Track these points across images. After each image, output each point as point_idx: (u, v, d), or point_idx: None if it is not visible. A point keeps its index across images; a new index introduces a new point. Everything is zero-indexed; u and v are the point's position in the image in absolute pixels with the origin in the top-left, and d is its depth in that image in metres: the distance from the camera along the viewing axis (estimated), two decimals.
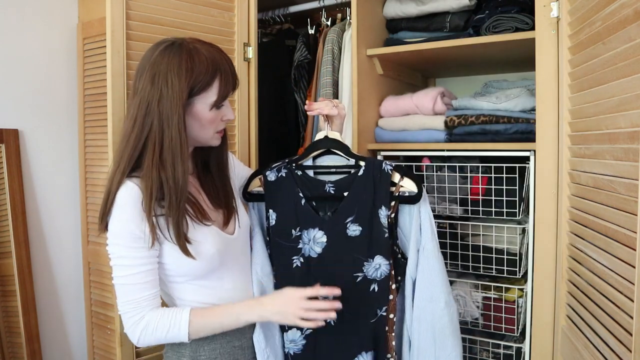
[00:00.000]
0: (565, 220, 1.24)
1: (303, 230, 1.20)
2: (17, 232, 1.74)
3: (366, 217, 1.16)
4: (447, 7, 1.67)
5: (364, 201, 1.17)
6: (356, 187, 1.19)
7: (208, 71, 1.04)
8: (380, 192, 1.17)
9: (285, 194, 1.22)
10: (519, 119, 1.50)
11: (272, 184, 1.24)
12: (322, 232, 1.18)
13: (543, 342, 1.35)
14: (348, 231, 1.17)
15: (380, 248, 1.15)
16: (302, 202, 1.21)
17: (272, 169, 1.25)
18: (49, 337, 1.86)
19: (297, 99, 2.04)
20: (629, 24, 0.89)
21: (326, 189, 1.22)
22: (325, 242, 1.18)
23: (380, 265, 1.15)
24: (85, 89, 1.85)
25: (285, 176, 1.24)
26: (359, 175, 1.19)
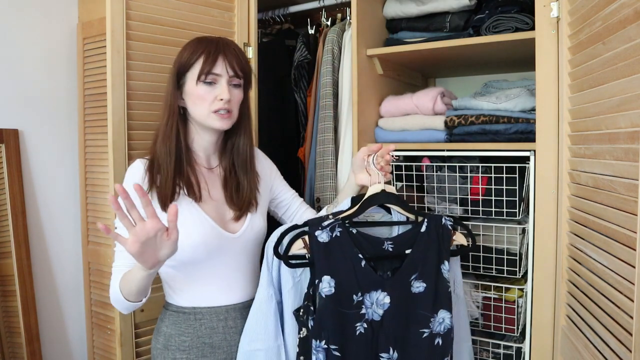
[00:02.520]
0: (565, 220, 1.24)
1: (365, 294, 1.10)
2: (17, 232, 1.74)
3: (431, 273, 1.14)
4: (447, 7, 1.67)
5: (429, 258, 1.15)
6: (420, 244, 1.15)
7: (192, 49, 1.19)
8: (443, 247, 1.16)
9: (343, 256, 1.10)
10: (519, 119, 1.50)
11: (326, 246, 1.10)
12: (384, 293, 1.11)
13: (543, 342, 1.35)
14: (412, 288, 1.13)
15: (443, 302, 1.14)
16: (362, 264, 1.11)
17: (322, 227, 1.10)
18: (49, 337, 1.86)
19: (297, 99, 2.04)
20: (629, 24, 0.89)
21: (385, 247, 1.14)
22: (389, 303, 1.11)
23: (444, 319, 1.14)
24: (85, 89, 1.85)
25: (341, 235, 1.11)
26: (422, 231, 1.16)
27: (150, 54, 1.52)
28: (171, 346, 1.19)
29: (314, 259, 1.09)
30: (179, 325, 1.20)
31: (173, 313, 1.22)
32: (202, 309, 1.21)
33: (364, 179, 1.26)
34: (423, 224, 1.16)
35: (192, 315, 1.21)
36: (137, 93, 1.50)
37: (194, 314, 1.21)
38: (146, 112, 1.52)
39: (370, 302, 1.10)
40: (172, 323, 1.21)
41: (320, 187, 1.80)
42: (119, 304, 1.15)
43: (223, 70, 1.18)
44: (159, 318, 1.27)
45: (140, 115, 1.51)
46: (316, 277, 1.08)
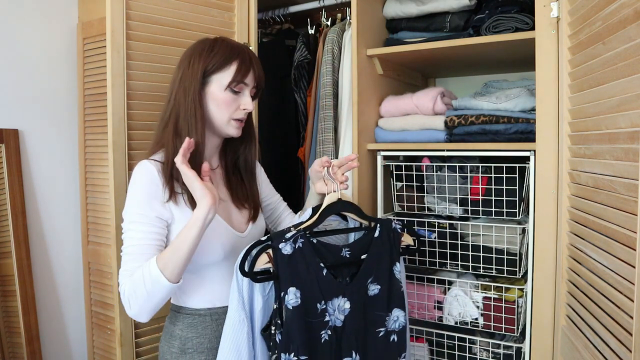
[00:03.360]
0: (565, 220, 1.24)
1: (328, 302, 1.13)
2: (17, 232, 1.74)
3: (385, 276, 1.19)
4: (447, 7, 1.67)
5: (382, 261, 1.19)
6: (374, 249, 1.19)
7: (225, 54, 1.17)
8: (394, 250, 1.21)
9: (306, 266, 1.11)
10: (519, 119, 1.50)
11: (290, 258, 1.10)
12: (345, 298, 1.14)
13: (543, 342, 1.35)
14: (369, 291, 1.18)
15: (397, 301, 1.20)
16: (324, 273, 1.12)
17: (285, 240, 1.10)
18: (49, 337, 1.86)
19: (297, 99, 2.04)
20: (629, 24, 0.89)
21: (343, 253, 1.16)
22: (349, 308, 1.15)
23: (398, 317, 1.19)
24: (85, 89, 1.85)
25: (303, 246, 1.11)
26: (375, 236, 1.20)
27: (150, 54, 1.52)
28: (188, 349, 1.18)
29: (278, 272, 1.09)
30: (195, 327, 1.19)
31: (187, 316, 1.20)
32: (217, 309, 1.20)
33: (322, 188, 1.28)
34: (376, 229, 1.20)
35: (209, 316, 1.20)
36: (137, 93, 1.50)
37: (210, 314, 1.20)
38: (146, 112, 1.52)
39: (333, 309, 1.13)
40: (188, 326, 1.20)
41: None
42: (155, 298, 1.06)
43: (251, 81, 1.20)
44: (168, 322, 1.24)
45: (140, 115, 1.51)
46: (282, 289, 1.08)
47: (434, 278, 1.69)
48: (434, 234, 1.66)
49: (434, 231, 1.66)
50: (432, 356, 1.71)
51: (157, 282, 1.04)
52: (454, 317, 1.64)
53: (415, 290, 1.71)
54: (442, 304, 1.67)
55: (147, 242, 1.09)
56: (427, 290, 1.70)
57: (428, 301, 1.69)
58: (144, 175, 1.13)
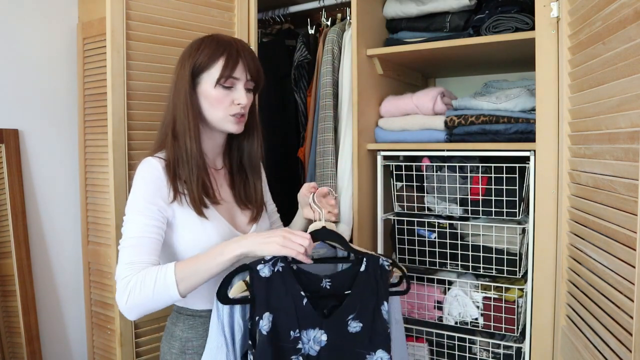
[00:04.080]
0: (565, 220, 1.24)
1: (303, 331, 1.09)
2: (17, 232, 1.74)
3: (368, 314, 1.14)
4: (447, 7, 1.67)
5: (367, 298, 1.14)
6: (359, 285, 1.14)
7: (211, 50, 1.15)
8: (381, 287, 1.15)
9: (285, 292, 1.08)
10: (519, 119, 1.50)
11: (266, 282, 1.07)
12: (321, 330, 1.10)
13: (543, 342, 1.35)
14: (349, 327, 1.12)
15: (381, 342, 1.13)
16: (304, 302, 1.09)
17: (264, 262, 1.08)
18: (49, 337, 1.86)
19: (297, 99, 2.04)
20: (629, 24, 0.89)
21: (323, 284, 1.13)
22: (326, 341, 1.11)
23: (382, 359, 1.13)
24: (85, 89, 1.85)
25: (283, 271, 1.09)
26: (361, 270, 1.15)
27: (150, 54, 1.52)
28: (188, 350, 1.18)
29: (254, 294, 1.06)
30: (196, 329, 1.19)
31: (189, 317, 1.20)
32: None
33: (308, 214, 1.27)
34: (362, 263, 1.15)
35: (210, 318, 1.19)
36: (137, 93, 1.50)
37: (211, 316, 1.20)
38: (146, 112, 1.52)
39: (307, 339, 1.09)
40: (189, 327, 1.19)
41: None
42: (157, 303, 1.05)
43: (242, 74, 1.17)
44: (169, 323, 1.24)
45: (140, 115, 1.51)
46: (256, 313, 1.06)
47: (434, 278, 1.69)
48: (434, 234, 1.66)
49: (434, 231, 1.66)
50: (432, 356, 1.71)
51: (167, 291, 1.03)
52: (454, 317, 1.64)
53: (415, 290, 1.71)
54: (442, 304, 1.67)
55: (147, 235, 1.08)
56: (427, 290, 1.70)
57: (428, 301, 1.69)
58: (149, 171, 1.13)
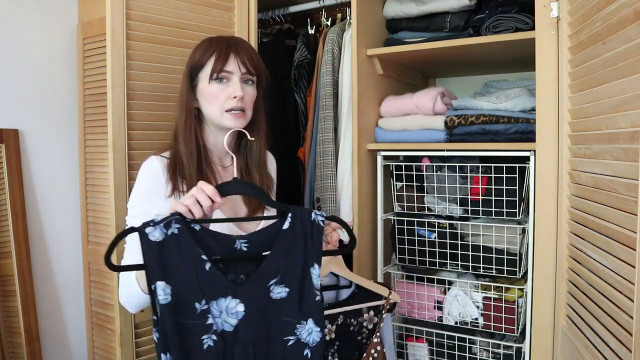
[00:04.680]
0: (565, 220, 1.24)
1: (211, 302, 0.95)
2: (17, 232, 1.74)
3: (295, 278, 0.99)
4: (447, 7, 1.67)
5: (292, 260, 1.00)
6: (282, 244, 1.00)
7: (204, 49, 1.19)
8: (311, 248, 1.00)
9: (181, 257, 0.94)
10: (519, 119, 1.50)
11: (159, 246, 0.93)
12: (236, 300, 0.96)
13: (543, 342, 1.35)
14: (272, 294, 0.99)
15: (311, 312, 0.99)
16: (207, 267, 0.95)
17: (155, 224, 0.94)
18: (49, 337, 1.86)
19: (297, 99, 2.04)
20: (629, 24, 0.89)
21: (237, 246, 0.98)
22: (244, 312, 0.97)
23: (312, 331, 0.99)
24: (85, 89, 1.85)
25: (179, 233, 0.94)
26: (284, 229, 1.00)
27: (150, 54, 1.52)
28: None
29: (145, 262, 0.92)
30: None
31: None
32: None
33: None
34: (286, 220, 1.00)
35: None
36: (137, 93, 1.50)
37: None
38: (146, 112, 1.52)
39: (219, 311, 0.96)
40: None
41: (320, 187, 1.80)
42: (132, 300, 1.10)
43: (235, 68, 1.17)
44: None
45: (140, 115, 1.51)
46: (151, 282, 0.93)
47: (434, 278, 1.69)
48: (434, 234, 1.66)
49: (434, 231, 1.66)
50: (432, 356, 1.71)
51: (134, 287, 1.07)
52: (454, 317, 1.64)
53: (415, 290, 1.71)
54: (442, 304, 1.67)
55: None
56: (427, 290, 1.70)
57: (428, 301, 1.69)
58: (148, 171, 1.17)
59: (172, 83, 1.53)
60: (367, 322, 1.29)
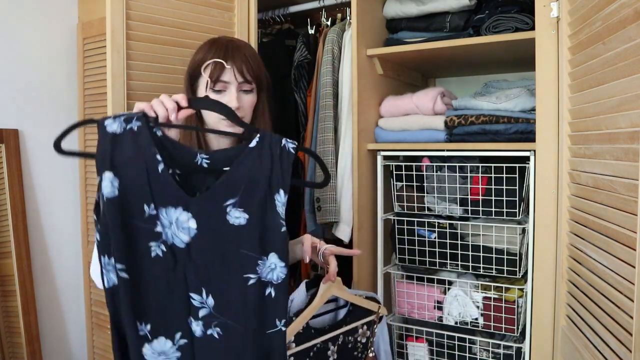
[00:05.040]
0: (565, 220, 1.24)
1: (160, 208, 0.88)
2: (17, 232, 1.74)
3: (256, 203, 0.91)
4: (447, 7, 1.67)
5: (255, 181, 0.91)
6: (244, 162, 0.92)
7: (201, 55, 1.17)
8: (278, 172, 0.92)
9: (135, 153, 0.88)
10: (519, 119, 1.50)
11: (114, 138, 0.88)
12: (188, 214, 0.89)
13: (543, 342, 1.35)
14: (229, 217, 0.90)
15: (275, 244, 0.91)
16: (159, 168, 0.88)
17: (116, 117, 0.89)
18: (49, 337, 1.86)
19: (297, 99, 2.04)
20: (629, 24, 0.89)
21: (197, 160, 0.93)
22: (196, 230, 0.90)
23: (275, 266, 0.92)
24: (85, 89, 1.85)
25: (138, 131, 0.89)
26: (250, 147, 0.93)
27: (150, 54, 1.52)
28: None
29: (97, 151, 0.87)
30: None
31: None
32: None
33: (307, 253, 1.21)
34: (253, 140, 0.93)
35: None
36: (137, 93, 1.50)
37: None
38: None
39: (169, 221, 0.89)
40: None
41: None
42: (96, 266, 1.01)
43: (232, 78, 1.16)
44: None
45: None
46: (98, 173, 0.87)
47: (434, 278, 1.69)
48: (434, 234, 1.66)
49: (434, 231, 1.66)
50: (432, 356, 1.71)
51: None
52: (454, 317, 1.64)
53: (415, 290, 1.71)
54: (442, 304, 1.67)
55: None
56: (427, 290, 1.70)
57: (428, 301, 1.69)
58: None
59: (172, 83, 1.53)
60: (360, 337, 1.33)
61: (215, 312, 0.91)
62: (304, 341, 1.19)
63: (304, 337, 1.19)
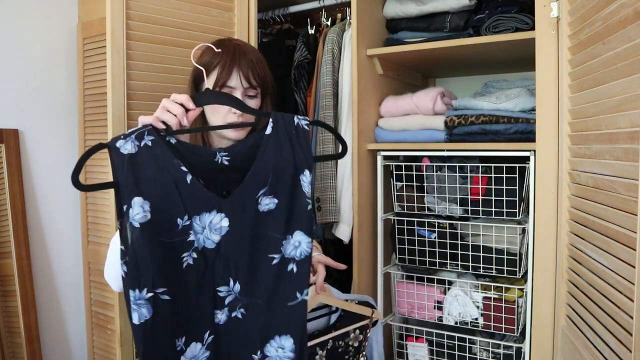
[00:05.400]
0: (565, 220, 1.24)
1: (194, 217, 0.87)
2: (17, 232, 1.74)
3: (286, 186, 0.92)
4: (447, 7, 1.67)
5: (281, 166, 0.92)
6: (267, 150, 0.92)
7: (208, 59, 1.16)
8: (299, 152, 0.92)
9: (158, 169, 0.85)
10: (519, 119, 1.50)
11: (132, 159, 0.85)
12: (221, 214, 0.89)
13: (543, 342, 1.35)
14: (260, 207, 0.91)
15: (301, 222, 0.92)
16: (188, 179, 0.87)
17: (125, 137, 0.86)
18: (49, 337, 1.86)
19: (297, 99, 2.04)
20: (629, 24, 0.89)
21: (217, 159, 0.92)
22: (228, 227, 0.90)
23: (300, 243, 0.93)
24: (85, 89, 1.85)
25: (153, 145, 0.87)
26: (267, 134, 0.93)
27: (150, 54, 1.52)
28: None
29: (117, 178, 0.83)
30: None
31: None
32: None
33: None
34: (268, 125, 0.93)
35: None
36: (137, 93, 1.50)
37: None
38: (146, 112, 1.52)
39: (202, 227, 0.88)
40: None
41: (320, 187, 1.80)
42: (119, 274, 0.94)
43: (237, 83, 1.15)
44: None
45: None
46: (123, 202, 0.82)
47: (434, 278, 1.69)
48: (434, 234, 1.66)
49: (434, 231, 1.66)
50: (432, 356, 1.71)
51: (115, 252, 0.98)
52: (454, 317, 1.64)
53: (415, 290, 1.71)
54: (442, 304, 1.67)
55: None
56: (427, 290, 1.70)
57: (428, 301, 1.69)
58: None
59: (172, 83, 1.53)
60: (352, 341, 1.32)
61: (240, 295, 0.92)
62: None
63: None
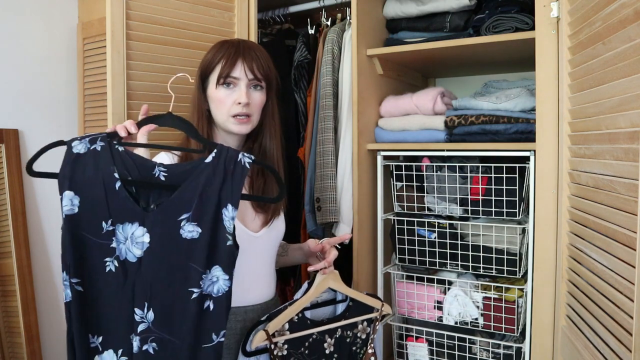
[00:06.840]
0: (565, 220, 1.24)
1: (117, 225, 0.92)
2: (17, 232, 1.74)
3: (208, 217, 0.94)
4: (447, 7, 1.67)
5: (207, 196, 0.94)
6: (199, 176, 0.95)
7: (213, 53, 1.21)
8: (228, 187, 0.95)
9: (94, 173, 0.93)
10: (519, 119, 1.50)
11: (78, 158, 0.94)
12: (143, 229, 0.92)
13: (543, 342, 1.35)
14: (182, 232, 0.93)
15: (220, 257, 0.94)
16: (117, 186, 0.92)
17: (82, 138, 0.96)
18: (49, 337, 1.86)
19: (297, 99, 2.04)
20: (629, 24, 0.89)
21: (155, 172, 0.96)
22: (149, 244, 0.92)
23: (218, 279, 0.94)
24: (85, 89, 1.85)
25: (101, 150, 0.95)
26: (206, 162, 0.97)
27: (150, 54, 1.52)
28: None
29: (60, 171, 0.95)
30: None
31: None
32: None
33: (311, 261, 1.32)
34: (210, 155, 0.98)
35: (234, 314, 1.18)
36: (137, 93, 1.50)
37: None
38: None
39: (124, 237, 0.92)
40: None
41: (320, 187, 1.80)
42: None
43: (242, 74, 1.19)
44: None
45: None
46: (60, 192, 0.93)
47: (434, 278, 1.69)
48: (434, 234, 1.66)
49: (434, 231, 1.66)
50: (432, 356, 1.71)
51: None
52: (454, 317, 1.64)
53: (415, 290, 1.71)
54: (442, 304, 1.67)
55: None
56: (427, 290, 1.70)
57: (428, 301, 1.69)
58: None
59: (172, 83, 1.53)
60: (360, 333, 1.33)
61: (153, 326, 0.93)
62: (298, 330, 1.20)
63: (298, 326, 1.20)
